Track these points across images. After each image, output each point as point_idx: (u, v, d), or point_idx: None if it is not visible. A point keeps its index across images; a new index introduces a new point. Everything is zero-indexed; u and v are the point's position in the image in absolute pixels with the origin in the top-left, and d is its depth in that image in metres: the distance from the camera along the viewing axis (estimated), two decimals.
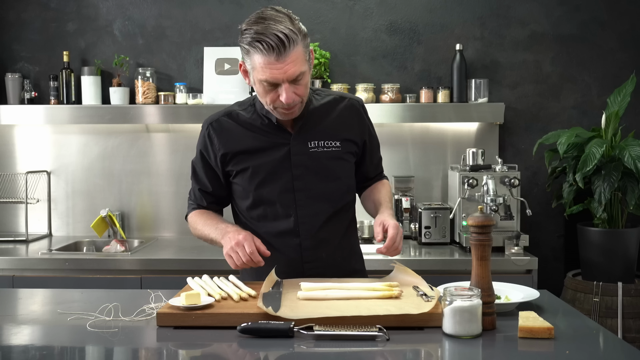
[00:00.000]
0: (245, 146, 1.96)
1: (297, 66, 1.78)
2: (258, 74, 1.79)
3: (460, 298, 1.48)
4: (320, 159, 1.96)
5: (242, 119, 1.99)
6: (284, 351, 1.45)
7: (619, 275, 3.13)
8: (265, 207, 1.98)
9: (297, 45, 1.77)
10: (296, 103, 1.84)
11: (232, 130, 1.99)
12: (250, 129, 1.97)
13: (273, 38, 1.73)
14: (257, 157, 1.96)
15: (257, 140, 1.96)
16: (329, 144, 1.97)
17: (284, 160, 1.95)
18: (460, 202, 3.22)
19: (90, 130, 3.64)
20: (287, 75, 1.78)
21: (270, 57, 1.75)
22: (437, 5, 3.59)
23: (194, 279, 1.86)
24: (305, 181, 1.95)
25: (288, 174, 1.95)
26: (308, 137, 1.96)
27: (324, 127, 1.98)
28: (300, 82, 1.82)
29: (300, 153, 1.95)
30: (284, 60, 1.75)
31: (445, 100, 3.48)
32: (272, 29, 1.74)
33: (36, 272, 3.06)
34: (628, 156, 3.04)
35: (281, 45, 1.74)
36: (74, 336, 1.58)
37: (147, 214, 3.66)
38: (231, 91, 3.56)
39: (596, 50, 3.58)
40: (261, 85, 1.82)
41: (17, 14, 3.67)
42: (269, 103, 1.85)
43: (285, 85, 1.79)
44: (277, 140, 1.95)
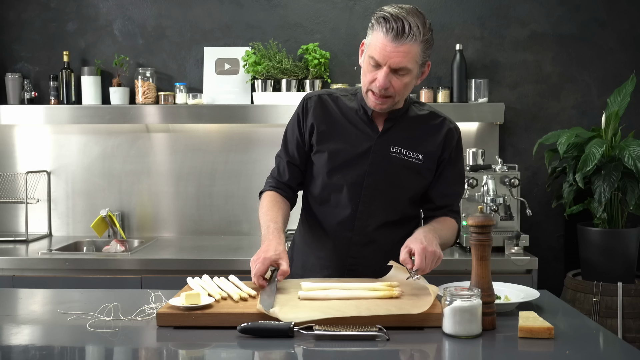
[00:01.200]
0: (333, 127, 2.00)
1: (405, 59, 1.82)
2: (370, 49, 1.85)
3: (460, 298, 1.49)
4: (397, 165, 1.98)
5: (341, 103, 2.03)
6: (284, 351, 1.45)
7: (619, 275, 3.13)
8: (331, 192, 2.00)
9: (415, 42, 1.82)
10: (389, 94, 1.88)
11: (328, 109, 2.02)
12: (345, 114, 2.01)
13: (399, 22, 1.79)
14: (341, 142, 1.98)
15: (347, 126, 1.99)
16: (411, 154, 1.99)
17: (364, 155, 1.97)
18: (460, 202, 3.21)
19: (90, 130, 3.64)
20: (392, 61, 1.82)
21: (387, 37, 1.80)
22: (437, 5, 3.59)
23: (194, 279, 1.86)
24: (376, 180, 1.97)
25: (363, 168, 1.97)
26: (393, 140, 1.98)
27: (412, 136, 2.00)
28: (401, 76, 1.86)
29: (381, 153, 1.97)
30: (396, 46, 1.80)
31: (445, 100, 3.48)
32: (403, 16, 1.80)
33: (36, 272, 3.06)
34: (628, 156, 3.04)
35: (401, 31, 1.79)
36: (74, 336, 1.58)
37: (147, 214, 3.66)
38: (231, 91, 3.56)
39: (596, 50, 3.58)
40: (367, 62, 1.87)
41: (17, 14, 3.67)
42: (366, 83, 1.89)
43: (385, 69, 1.83)
44: (365, 133, 1.98)
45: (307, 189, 2.09)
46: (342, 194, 1.99)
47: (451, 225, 2.04)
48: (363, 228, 2.00)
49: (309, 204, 2.09)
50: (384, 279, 1.88)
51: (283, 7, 3.61)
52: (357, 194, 1.98)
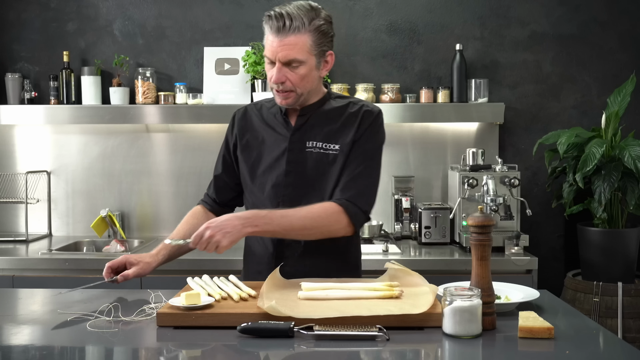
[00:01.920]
0: (255, 136, 2.04)
1: (291, 51, 1.84)
2: (265, 50, 1.90)
3: (460, 298, 1.48)
4: (314, 160, 1.96)
5: (264, 110, 2.07)
6: (284, 351, 1.45)
7: (619, 275, 3.13)
8: (258, 198, 2.02)
9: (300, 32, 1.83)
10: (288, 88, 1.89)
11: (251, 119, 2.07)
12: (265, 120, 2.04)
13: (280, 16, 1.83)
14: (260, 149, 2.02)
15: (266, 132, 2.02)
16: (327, 146, 1.97)
17: (281, 156, 1.98)
18: (460, 202, 3.22)
19: (90, 130, 3.64)
20: (279, 55, 1.85)
21: (273, 32, 1.85)
22: (437, 5, 3.59)
23: (194, 279, 1.86)
24: (295, 178, 1.97)
25: (282, 169, 1.97)
26: (309, 136, 1.97)
27: (327, 129, 1.98)
28: (295, 69, 1.87)
29: (297, 150, 1.97)
30: (281, 40, 1.83)
31: (445, 100, 3.48)
32: (285, 10, 1.83)
33: (36, 272, 3.06)
34: (628, 156, 3.04)
35: (282, 24, 1.82)
36: (74, 336, 1.58)
37: (147, 214, 3.65)
38: (231, 91, 3.56)
39: (596, 50, 3.58)
40: (265, 62, 1.92)
41: (17, 14, 3.67)
42: (269, 82, 1.92)
43: (277, 65, 1.86)
44: (281, 134, 2.00)
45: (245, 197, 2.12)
46: (265, 196, 2.00)
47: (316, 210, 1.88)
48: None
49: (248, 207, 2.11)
50: (379, 278, 1.88)
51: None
52: (279, 195, 1.97)
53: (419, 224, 3.30)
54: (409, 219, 3.44)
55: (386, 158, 2.24)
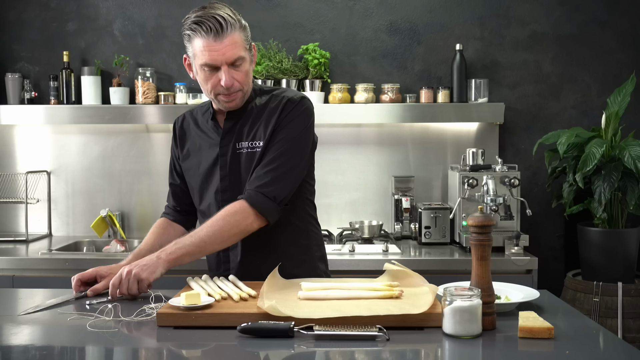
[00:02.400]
0: (192, 144, 2.06)
1: (235, 49, 1.84)
2: (198, 58, 1.86)
3: (460, 298, 1.48)
4: (244, 160, 1.95)
5: (198, 117, 2.08)
6: (284, 351, 1.45)
7: (619, 275, 3.13)
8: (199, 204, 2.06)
9: (235, 30, 1.84)
10: (236, 89, 1.89)
11: (189, 127, 2.09)
12: (200, 127, 2.05)
13: (212, 20, 1.81)
14: (198, 156, 2.03)
15: (202, 138, 2.04)
16: (254, 144, 1.95)
17: (215, 161, 1.99)
18: (460, 202, 3.22)
19: (90, 130, 3.64)
20: (226, 57, 1.84)
21: (209, 38, 1.82)
22: (437, 5, 3.59)
23: (194, 279, 1.86)
24: (229, 182, 1.96)
25: (217, 175, 1.98)
26: (237, 137, 1.97)
27: (252, 126, 1.96)
28: (239, 68, 1.87)
29: (227, 154, 1.97)
30: (221, 41, 1.82)
31: (445, 100, 3.48)
32: (212, 13, 1.83)
33: (36, 272, 3.06)
34: (628, 156, 3.04)
35: (219, 27, 1.82)
36: (74, 336, 1.58)
37: (147, 214, 3.65)
38: None
39: (596, 50, 3.58)
40: (202, 71, 1.87)
41: (17, 14, 3.67)
42: (210, 90, 1.90)
43: (224, 68, 1.85)
44: (211, 140, 2.01)
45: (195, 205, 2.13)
46: (208, 203, 2.01)
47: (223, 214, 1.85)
48: None
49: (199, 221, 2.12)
50: (379, 278, 1.88)
51: (283, 7, 3.61)
52: (219, 201, 1.97)
53: (419, 224, 3.30)
54: (409, 219, 3.44)
55: (386, 158, 2.25)
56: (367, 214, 3.57)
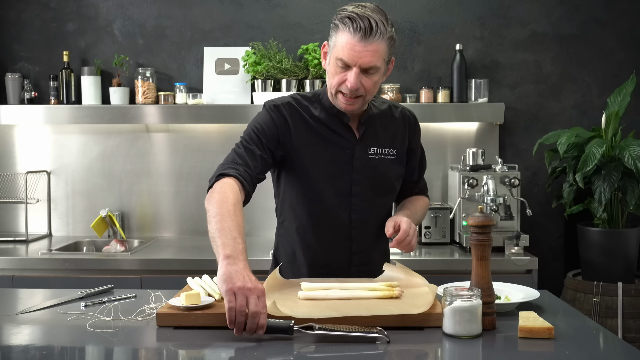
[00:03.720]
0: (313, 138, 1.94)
1: (374, 57, 1.81)
2: (337, 51, 1.82)
3: (460, 298, 1.48)
4: (377, 166, 1.98)
5: (310, 112, 1.96)
6: (284, 351, 1.45)
7: (619, 275, 3.13)
8: (321, 206, 1.96)
9: (382, 39, 1.81)
10: (359, 94, 1.85)
11: (303, 118, 1.95)
12: (319, 121, 1.95)
13: (365, 21, 1.78)
14: (321, 153, 1.94)
15: (324, 137, 1.95)
16: (386, 151, 2.00)
17: (346, 164, 1.95)
18: (460, 202, 3.22)
19: (90, 130, 3.64)
20: (362, 61, 1.80)
21: (355, 37, 1.78)
22: (437, 5, 3.59)
23: (194, 279, 1.86)
24: (362, 186, 1.96)
25: (347, 177, 1.95)
26: (369, 143, 1.98)
27: (382, 133, 2.00)
28: (371, 75, 1.84)
29: (362, 158, 1.96)
30: (365, 45, 1.78)
31: (445, 100, 3.48)
32: (368, 14, 1.79)
33: (36, 272, 3.06)
34: (628, 156, 3.04)
35: (369, 30, 1.78)
36: (74, 336, 1.58)
37: (147, 214, 3.66)
38: (231, 91, 3.56)
39: (596, 50, 3.58)
40: (335, 64, 1.84)
41: (17, 14, 3.67)
42: (334, 85, 1.86)
43: (355, 70, 1.81)
44: (343, 142, 1.95)
45: (291, 205, 1.99)
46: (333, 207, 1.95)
47: (424, 205, 2.18)
48: (360, 235, 1.99)
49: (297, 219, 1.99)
50: (379, 278, 1.88)
51: (283, 7, 3.61)
52: (348, 204, 1.96)
53: (419, 224, 3.30)
54: None
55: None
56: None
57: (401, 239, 1.86)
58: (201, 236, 3.59)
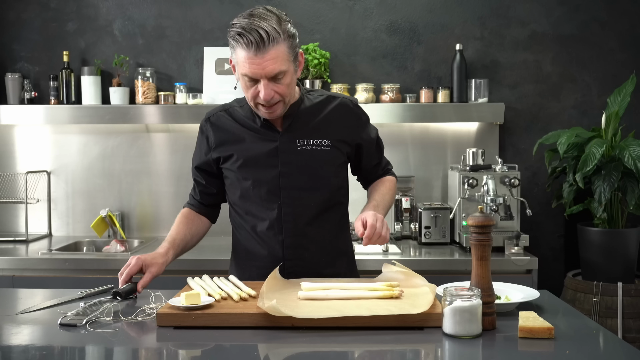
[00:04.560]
0: (236, 138, 2.01)
1: (276, 64, 1.81)
2: (240, 68, 1.85)
3: (460, 298, 1.48)
4: (308, 158, 1.97)
5: (237, 114, 2.04)
6: (284, 351, 1.45)
7: (619, 275, 3.13)
8: (251, 201, 2.00)
9: (278, 44, 1.81)
10: (276, 101, 1.87)
11: (227, 124, 2.04)
12: (243, 124, 2.01)
13: (254, 34, 1.78)
14: (247, 150, 1.99)
15: (248, 134, 2.00)
16: (319, 142, 1.98)
17: (272, 157, 1.96)
18: (460, 202, 3.22)
19: (90, 130, 3.64)
20: (266, 71, 1.81)
21: (250, 52, 1.80)
22: (437, 5, 3.59)
23: (194, 279, 1.86)
24: (291, 179, 1.96)
25: (275, 170, 1.96)
26: (297, 135, 1.97)
27: (314, 125, 1.99)
28: (280, 81, 1.84)
29: (288, 150, 1.96)
30: (262, 56, 1.79)
31: (445, 100, 3.48)
32: (255, 25, 1.79)
33: (36, 272, 3.06)
34: (628, 156, 3.04)
35: (260, 42, 1.78)
36: (74, 336, 1.58)
37: (147, 214, 3.66)
38: (231, 91, 3.55)
39: (596, 50, 3.58)
40: (243, 80, 1.87)
41: (17, 14, 3.67)
42: (250, 99, 1.89)
43: (264, 82, 1.83)
44: (266, 137, 1.98)
45: (230, 203, 2.10)
46: (262, 201, 1.98)
47: (388, 184, 2.16)
48: (291, 229, 1.97)
49: (235, 216, 2.08)
50: (378, 279, 1.88)
51: (283, 7, 3.61)
52: (277, 197, 1.97)
53: (419, 224, 3.30)
54: (409, 219, 3.44)
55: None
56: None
57: (370, 234, 1.82)
58: None
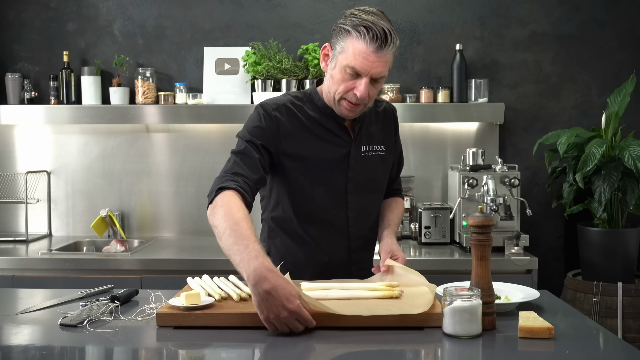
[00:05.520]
0: (308, 138, 1.92)
1: (385, 67, 1.82)
2: (347, 58, 1.80)
3: (460, 298, 1.48)
4: (369, 163, 2.00)
5: (305, 112, 1.94)
6: (284, 351, 1.45)
7: (619, 275, 3.13)
8: (318, 206, 1.95)
9: (392, 48, 1.81)
10: (365, 102, 1.86)
11: (298, 120, 1.92)
12: (316, 123, 1.94)
13: (380, 31, 1.76)
14: (319, 152, 1.93)
15: (321, 136, 1.93)
16: (377, 148, 2.02)
17: (341, 162, 1.95)
18: (460, 202, 3.22)
19: (90, 130, 3.64)
20: (375, 71, 1.80)
21: (370, 47, 1.77)
22: (437, 5, 3.59)
23: (194, 279, 1.86)
24: (357, 184, 1.97)
25: (343, 175, 1.95)
26: (362, 141, 1.99)
27: (372, 130, 2.02)
28: (377, 83, 1.86)
29: (356, 156, 1.97)
30: (379, 55, 1.78)
31: (445, 100, 3.48)
32: (382, 24, 1.78)
33: (36, 272, 3.06)
34: (628, 156, 3.04)
35: (384, 40, 1.77)
36: (74, 336, 1.58)
37: (147, 214, 3.66)
38: (231, 91, 3.56)
39: (596, 50, 3.58)
40: (343, 71, 1.82)
41: (17, 14, 3.67)
42: (340, 92, 1.85)
43: (365, 80, 1.81)
44: (338, 141, 1.95)
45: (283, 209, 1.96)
46: (329, 205, 1.96)
47: (401, 208, 2.22)
48: (357, 233, 2.01)
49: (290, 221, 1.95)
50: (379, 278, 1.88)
51: (283, 7, 3.61)
52: (344, 202, 1.97)
53: (419, 224, 3.30)
54: (409, 219, 3.44)
55: None
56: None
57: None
58: (201, 236, 3.59)
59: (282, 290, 1.48)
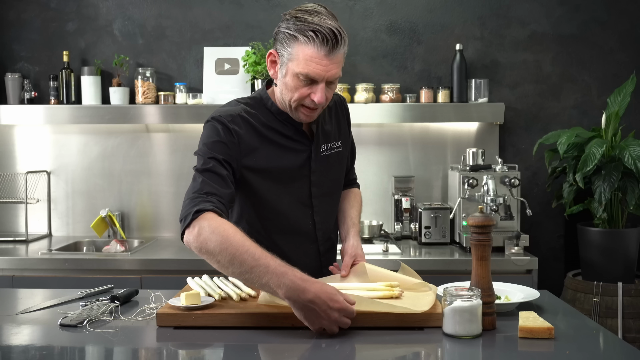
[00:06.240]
0: (266, 148, 1.81)
1: (339, 68, 1.74)
2: (299, 66, 1.70)
3: (460, 298, 1.49)
4: (328, 162, 1.92)
5: (261, 120, 1.83)
6: (284, 351, 1.45)
7: (619, 275, 3.13)
8: (283, 215, 1.86)
9: (344, 47, 1.74)
10: (322, 105, 1.77)
11: (254, 130, 1.80)
12: (271, 131, 1.83)
13: (329, 32, 1.67)
14: (279, 161, 1.82)
15: (279, 144, 1.83)
16: (334, 145, 1.94)
17: (303, 167, 1.86)
18: (460, 202, 3.22)
19: (90, 130, 3.64)
20: (329, 74, 1.71)
21: (322, 51, 1.68)
22: (437, 5, 3.59)
23: (194, 279, 1.86)
24: (320, 186, 1.90)
25: (306, 181, 1.87)
26: (320, 140, 1.91)
27: (327, 128, 1.94)
28: (333, 84, 1.77)
29: (317, 158, 1.88)
30: (331, 58, 1.70)
31: (445, 100, 3.48)
32: (328, 24, 1.68)
33: (36, 272, 3.06)
34: (628, 156, 3.04)
35: (335, 42, 1.68)
36: (74, 336, 1.58)
37: (147, 214, 3.66)
38: (231, 91, 3.56)
39: (596, 50, 3.58)
40: (295, 79, 1.72)
41: (17, 14, 3.67)
42: (295, 99, 1.75)
43: (321, 85, 1.72)
44: (298, 146, 1.85)
45: (249, 221, 1.85)
46: (296, 213, 1.87)
47: (360, 200, 2.16)
48: (324, 235, 1.95)
49: (258, 234, 1.79)
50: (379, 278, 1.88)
51: (283, 7, 3.61)
52: (309, 206, 1.89)
53: (419, 224, 3.30)
54: (409, 219, 3.44)
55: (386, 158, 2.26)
56: (367, 214, 3.57)
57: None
58: None
59: (324, 294, 1.49)
